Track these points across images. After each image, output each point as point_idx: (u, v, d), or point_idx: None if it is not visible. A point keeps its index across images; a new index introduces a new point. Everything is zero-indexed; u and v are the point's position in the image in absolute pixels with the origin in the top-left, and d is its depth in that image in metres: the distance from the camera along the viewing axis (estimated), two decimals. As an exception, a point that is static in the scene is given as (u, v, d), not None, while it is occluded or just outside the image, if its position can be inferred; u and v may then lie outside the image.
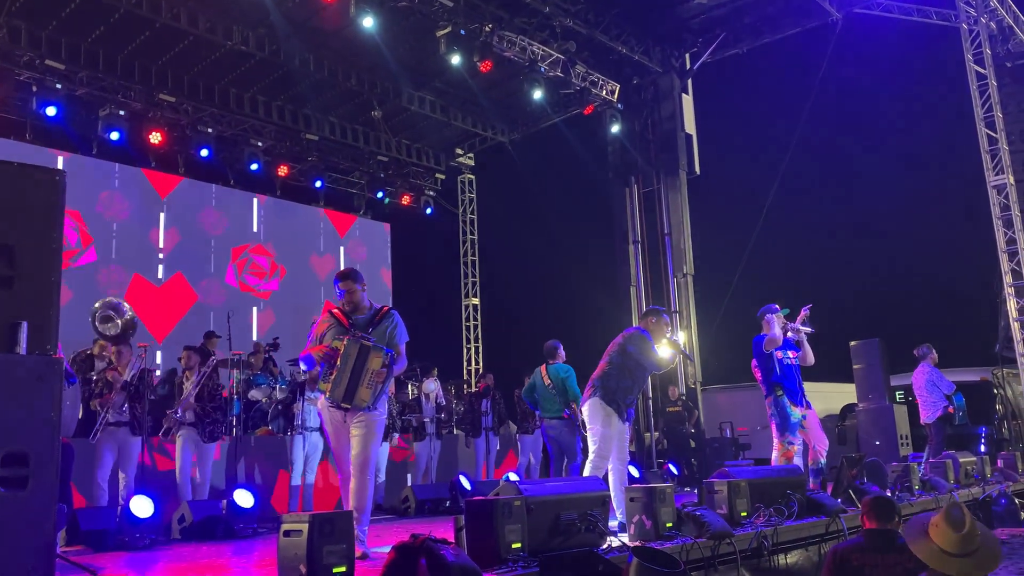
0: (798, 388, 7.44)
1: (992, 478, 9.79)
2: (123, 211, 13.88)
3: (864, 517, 4.36)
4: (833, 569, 4.19)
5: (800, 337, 7.58)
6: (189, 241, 14.57)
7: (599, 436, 6.02)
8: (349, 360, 5.00)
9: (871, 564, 4.04)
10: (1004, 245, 11.95)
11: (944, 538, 2.99)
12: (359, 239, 17.32)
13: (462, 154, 18.76)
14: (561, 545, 4.28)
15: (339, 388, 5.01)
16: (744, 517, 5.63)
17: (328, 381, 5.05)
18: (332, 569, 3.44)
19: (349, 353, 5.00)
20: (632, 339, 6.25)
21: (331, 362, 5.02)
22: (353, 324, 5.17)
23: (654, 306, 6.85)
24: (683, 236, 15.10)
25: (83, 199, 13.15)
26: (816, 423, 7.55)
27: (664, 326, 6.43)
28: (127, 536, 6.40)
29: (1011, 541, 5.79)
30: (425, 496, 9.34)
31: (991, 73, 12.17)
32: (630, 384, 6.17)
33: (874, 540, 4.16)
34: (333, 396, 5.02)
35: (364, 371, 5.03)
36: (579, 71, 14.37)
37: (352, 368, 5.00)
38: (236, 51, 12.94)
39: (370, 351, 5.05)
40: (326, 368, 5.05)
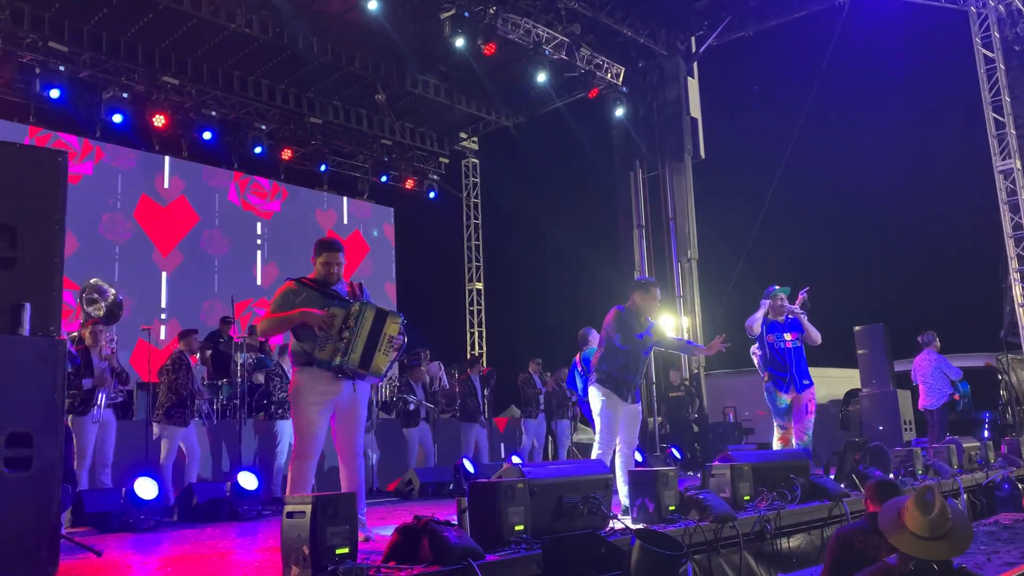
0: (788, 373, 7.35)
1: (996, 463, 9.79)
2: (128, 161, 14.03)
3: (868, 501, 4.36)
4: (836, 552, 4.19)
5: (801, 318, 7.46)
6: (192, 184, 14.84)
7: (603, 419, 6.03)
8: (365, 323, 4.70)
9: (874, 547, 4.04)
10: (1010, 230, 11.89)
11: (916, 522, 2.97)
12: (363, 223, 17.30)
13: (466, 138, 18.71)
14: (564, 527, 4.29)
15: (354, 353, 4.66)
16: (747, 501, 5.64)
17: (327, 348, 4.66)
18: (335, 551, 3.44)
19: (365, 316, 4.71)
20: (610, 319, 6.21)
21: (329, 328, 4.67)
22: (330, 295, 4.87)
23: (641, 278, 6.70)
24: (688, 221, 15.06)
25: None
26: (802, 409, 7.42)
27: (652, 299, 6.31)
28: (131, 518, 6.42)
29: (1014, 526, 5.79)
30: (428, 479, 9.37)
31: (999, 57, 12.07)
32: (623, 362, 6.10)
33: (877, 523, 4.16)
34: (347, 361, 4.64)
35: (381, 336, 4.77)
36: (584, 54, 14.29)
37: (369, 332, 4.72)
38: (240, 33, 12.89)
39: (387, 316, 4.82)
40: (323, 335, 4.67)
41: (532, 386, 11.50)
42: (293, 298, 4.83)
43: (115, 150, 13.81)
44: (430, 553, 3.57)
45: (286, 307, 4.79)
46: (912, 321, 14.35)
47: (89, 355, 7.58)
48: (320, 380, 4.73)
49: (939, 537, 2.96)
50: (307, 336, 4.73)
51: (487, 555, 3.70)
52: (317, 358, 4.68)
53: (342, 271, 5.00)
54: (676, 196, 15.16)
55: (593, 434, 6.32)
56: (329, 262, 4.94)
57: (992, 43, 12.11)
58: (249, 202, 15.42)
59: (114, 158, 13.79)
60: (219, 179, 15.20)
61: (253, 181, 15.57)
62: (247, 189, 15.42)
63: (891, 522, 3.10)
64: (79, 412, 7.43)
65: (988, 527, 5.84)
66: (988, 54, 12.13)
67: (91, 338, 7.68)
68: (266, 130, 15.02)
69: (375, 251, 17.29)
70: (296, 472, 4.72)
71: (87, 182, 13.21)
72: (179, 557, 4.88)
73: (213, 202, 15.04)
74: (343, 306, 4.76)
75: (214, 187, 15.11)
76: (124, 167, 13.98)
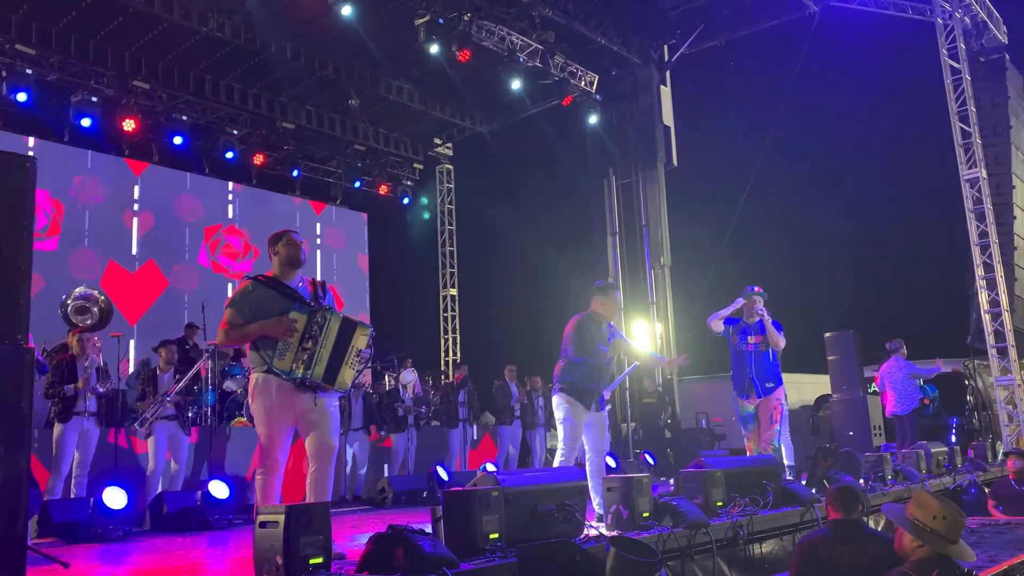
0: (746, 377, 7.27)
1: (963, 468, 9.94)
2: (96, 196, 13.68)
3: (829, 507, 4.40)
4: (801, 560, 4.23)
5: (767, 323, 7.34)
6: (163, 226, 14.42)
7: (565, 427, 5.92)
8: (330, 334, 4.44)
9: (838, 554, 4.09)
10: (976, 238, 12.09)
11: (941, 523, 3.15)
12: (336, 228, 17.20)
13: (440, 144, 18.70)
14: (539, 535, 4.28)
15: (319, 366, 4.40)
16: (720, 507, 5.66)
17: (286, 357, 4.37)
18: (309, 560, 3.41)
19: (331, 326, 4.45)
20: (568, 330, 6.07)
21: (291, 336, 4.39)
22: (290, 295, 4.54)
23: (600, 282, 6.35)
24: (660, 228, 15.16)
25: (55, 183, 12.96)
26: (765, 416, 7.35)
27: (612, 303, 6.17)
28: (100, 528, 6.33)
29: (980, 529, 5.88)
30: (402, 487, 9.33)
31: (965, 68, 12.29)
32: (585, 372, 5.96)
33: (839, 530, 4.21)
34: (311, 375, 4.39)
35: (349, 349, 4.51)
36: (558, 61, 14.35)
37: (335, 344, 4.47)
38: (212, 38, 12.78)
39: (356, 327, 4.56)
40: (282, 343, 4.38)
41: (507, 393, 11.50)
42: (249, 299, 4.52)
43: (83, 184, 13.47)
44: (404, 562, 3.55)
45: (243, 309, 4.48)
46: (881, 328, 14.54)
47: (75, 363, 7.49)
48: (282, 389, 4.42)
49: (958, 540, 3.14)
50: (265, 343, 4.44)
51: (462, 563, 3.68)
52: (275, 367, 4.38)
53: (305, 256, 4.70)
54: (649, 203, 15.26)
55: None
56: (291, 243, 4.65)
57: (958, 54, 12.33)
58: (219, 263, 15.07)
59: (81, 194, 13.40)
60: (190, 214, 14.85)
61: (224, 242, 15.17)
62: (218, 250, 15.06)
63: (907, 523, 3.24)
64: (61, 419, 7.35)
65: (956, 531, 5.91)
66: (954, 65, 12.35)
67: (78, 347, 7.61)
68: (238, 135, 14.90)
69: (348, 257, 17.21)
70: (262, 484, 4.47)
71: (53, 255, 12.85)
72: (149, 568, 4.82)
73: (183, 265, 14.63)
74: (303, 310, 4.47)
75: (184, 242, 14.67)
76: (92, 203, 13.55)
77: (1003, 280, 11.99)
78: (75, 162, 13.49)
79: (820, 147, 20.42)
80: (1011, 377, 11.73)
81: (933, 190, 16.44)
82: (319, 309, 4.51)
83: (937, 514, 3.26)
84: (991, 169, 12.42)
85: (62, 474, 7.37)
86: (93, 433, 7.60)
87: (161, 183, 14.56)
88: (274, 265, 4.71)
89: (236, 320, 4.49)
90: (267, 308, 4.49)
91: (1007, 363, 11.80)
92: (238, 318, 4.49)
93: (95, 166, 13.74)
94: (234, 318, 4.50)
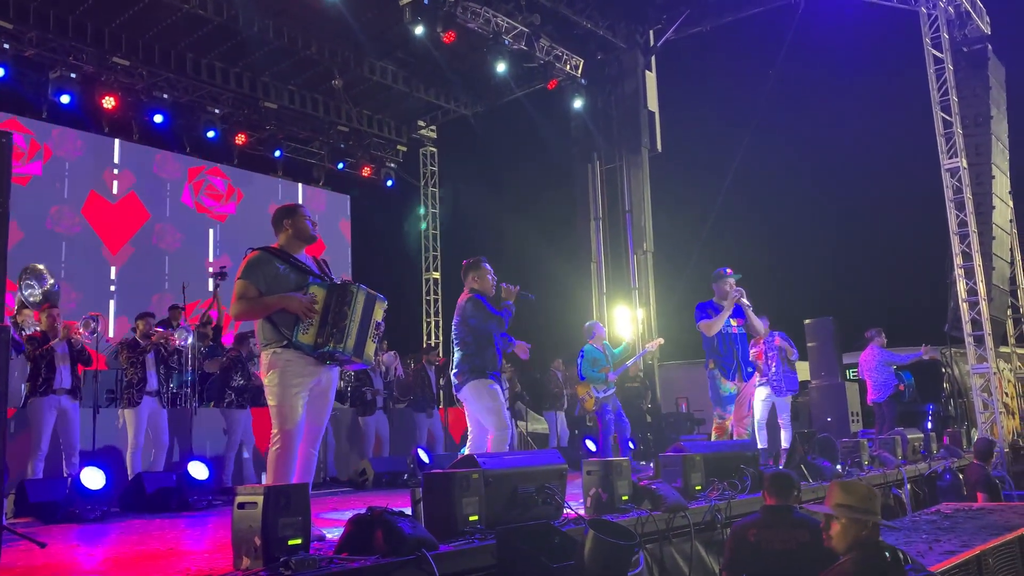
0: (734, 360, 7.24)
1: (938, 454, 10.08)
2: (76, 150, 13.59)
3: (765, 493, 4.44)
4: (733, 545, 4.29)
5: (746, 309, 7.30)
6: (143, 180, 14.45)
7: (491, 412, 5.69)
8: (358, 308, 4.41)
9: (767, 539, 4.15)
10: (955, 227, 12.18)
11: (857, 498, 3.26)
12: (318, 212, 17.10)
13: (424, 126, 18.59)
14: (518, 518, 4.30)
15: (350, 339, 4.35)
16: (698, 491, 5.71)
17: (310, 331, 4.31)
18: (287, 542, 3.40)
19: (358, 300, 4.42)
20: (466, 309, 5.84)
21: (312, 313, 4.33)
22: (304, 270, 4.51)
23: (467, 260, 6.08)
24: (644, 213, 15.17)
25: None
26: (745, 401, 7.39)
27: (486, 273, 5.97)
28: (78, 508, 6.29)
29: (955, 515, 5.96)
30: (383, 469, 9.33)
31: (948, 58, 12.34)
32: (493, 350, 5.84)
33: (770, 516, 4.27)
34: (342, 348, 4.33)
35: (371, 322, 4.52)
36: (543, 45, 14.28)
37: (361, 317, 4.44)
38: (193, 15, 12.61)
39: (376, 301, 4.56)
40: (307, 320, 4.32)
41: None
42: (262, 269, 4.39)
43: (63, 135, 13.43)
44: (384, 544, 3.55)
45: (257, 281, 4.36)
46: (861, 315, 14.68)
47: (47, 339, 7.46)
48: (300, 363, 4.34)
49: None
50: (283, 317, 4.34)
51: (441, 546, 3.69)
52: (299, 342, 4.30)
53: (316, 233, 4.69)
54: (633, 189, 15.26)
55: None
56: (305, 217, 4.60)
57: (941, 44, 12.38)
58: (203, 203, 15.05)
59: (60, 145, 13.38)
60: (170, 169, 14.84)
61: (208, 182, 15.19)
62: (201, 191, 15.05)
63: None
64: (40, 393, 7.31)
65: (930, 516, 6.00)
66: (937, 54, 12.40)
67: (47, 322, 7.57)
68: (219, 114, 14.75)
69: (330, 239, 17.11)
70: (282, 463, 4.29)
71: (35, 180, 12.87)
72: (126, 548, 4.79)
73: (164, 202, 14.66)
74: (322, 284, 4.44)
75: (165, 178, 14.74)
76: (71, 156, 13.57)
77: (981, 269, 12.11)
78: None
79: (803, 135, 20.51)
80: (987, 365, 11.87)
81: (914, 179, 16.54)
82: (344, 282, 4.50)
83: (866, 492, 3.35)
84: (971, 159, 12.51)
85: (41, 453, 7.32)
86: (72, 411, 7.55)
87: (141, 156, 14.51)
88: (281, 239, 4.61)
89: (251, 292, 4.36)
90: (282, 281, 4.41)
91: (983, 351, 11.93)
92: (252, 289, 4.36)
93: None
94: (247, 289, 4.36)
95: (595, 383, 9.45)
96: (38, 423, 7.34)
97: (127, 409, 7.96)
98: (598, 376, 9.43)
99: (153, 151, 14.62)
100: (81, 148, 13.74)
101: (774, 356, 9.32)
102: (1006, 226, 13.57)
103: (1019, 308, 14.73)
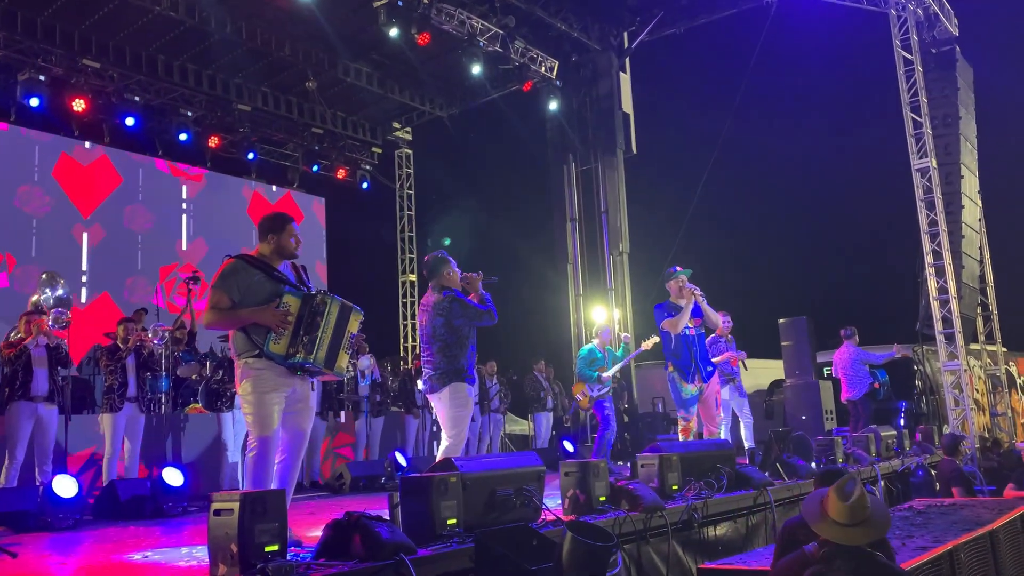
0: (692, 362, 7.22)
1: (911, 451, 10.21)
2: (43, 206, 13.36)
3: None
4: (782, 544, 4.29)
5: (701, 302, 7.30)
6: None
7: (459, 420, 5.55)
8: (331, 319, 4.38)
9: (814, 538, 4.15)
10: (926, 226, 12.35)
11: (836, 509, 3.10)
12: (292, 213, 16.99)
13: (399, 128, 18.54)
14: (497, 520, 4.30)
15: (320, 350, 4.33)
16: (675, 490, 5.74)
17: (281, 342, 4.28)
18: (264, 548, 3.38)
19: (331, 311, 4.39)
20: (451, 310, 5.64)
21: (285, 324, 4.30)
22: (279, 278, 4.46)
23: (432, 254, 5.91)
24: (619, 215, 15.23)
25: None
26: (712, 399, 7.38)
27: (453, 269, 5.81)
28: (50, 517, 6.19)
29: (927, 511, 6.03)
30: (360, 473, 9.29)
31: (917, 59, 12.50)
32: (473, 348, 5.76)
33: None
34: (312, 359, 4.30)
35: (345, 333, 4.49)
36: (518, 47, 14.29)
37: (334, 329, 4.40)
38: (164, 17, 12.49)
39: (351, 312, 4.53)
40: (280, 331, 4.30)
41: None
42: (236, 279, 4.35)
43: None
44: (361, 549, 3.54)
45: (231, 290, 4.33)
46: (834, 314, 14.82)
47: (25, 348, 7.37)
48: (272, 372, 4.33)
49: (858, 523, 3.09)
50: (255, 327, 4.32)
51: (419, 550, 3.69)
52: (270, 351, 4.28)
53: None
54: (608, 190, 15.32)
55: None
56: (292, 233, 4.56)
57: (911, 45, 12.54)
58: (178, 168, 15.00)
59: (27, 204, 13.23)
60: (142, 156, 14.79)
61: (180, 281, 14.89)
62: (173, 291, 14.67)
63: (814, 511, 3.21)
64: (16, 398, 7.20)
65: (903, 512, 6.06)
66: (907, 56, 12.56)
67: (23, 327, 7.47)
68: (192, 116, 14.62)
69: (305, 242, 16.87)
70: (259, 470, 4.29)
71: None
72: (100, 557, 4.74)
73: (137, 172, 14.58)
74: (296, 293, 4.40)
75: (138, 162, 14.66)
76: (42, 139, 13.47)
77: (951, 268, 12.28)
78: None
79: (776, 137, 20.70)
80: (958, 363, 12.04)
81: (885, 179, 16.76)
82: (318, 292, 4.45)
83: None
84: (941, 159, 12.69)
85: (16, 463, 7.20)
86: (49, 418, 7.43)
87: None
88: (262, 248, 4.57)
89: (224, 303, 4.34)
90: (256, 290, 4.38)
91: (954, 349, 12.10)
92: (226, 300, 4.33)
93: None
94: (221, 300, 4.34)
95: (589, 382, 9.49)
96: (14, 431, 7.21)
97: (106, 414, 7.87)
98: (591, 375, 9.48)
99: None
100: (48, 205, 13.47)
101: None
102: (975, 225, 13.77)
103: (988, 306, 14.97)
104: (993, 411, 14.44)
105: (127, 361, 8.00)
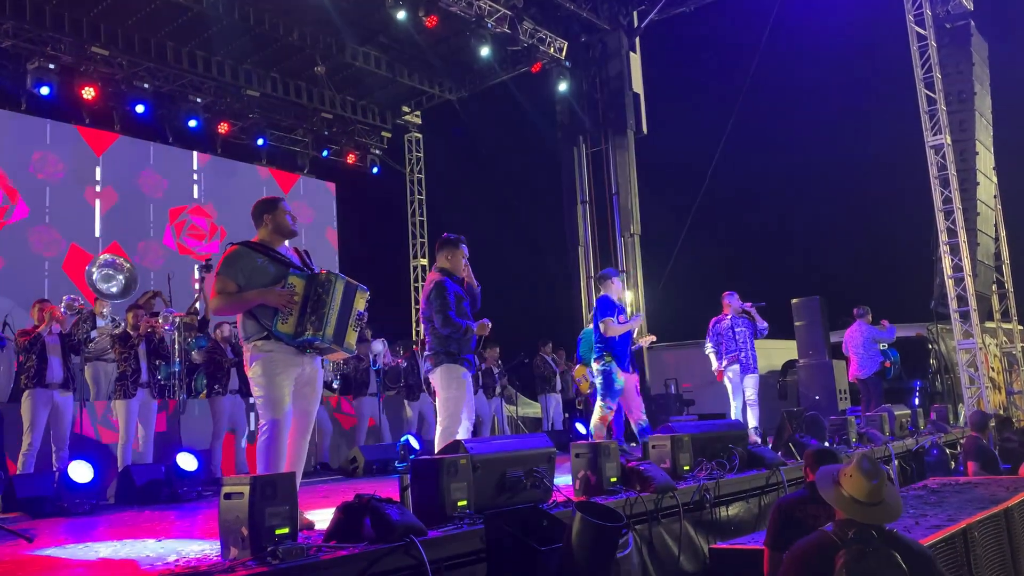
0: (626, 355, 7.62)
1: (925, 430, 10.17)
2: (57, 172, 13.36)
3: (807, 469, 4.45)
4: (777, 522, 4.29)
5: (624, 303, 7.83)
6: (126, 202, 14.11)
7: (454, 401, 5.54)
8: (337, 296, 4.42)
9: (814, 515, 4.14)
10: (940, 204, 12.23)
11: (857, 487, 3.07)
12: (303, 199, 16.95)
13: (409, 112, 18.48)
14: (507, 502, 4.30)
15: (328, 327, 4.36)
16: (687, 471, 5.73)
17: (289, 321, 4.33)
18: (275, 531, 3.39)
19: (336, 288, 4.42)
20: (438, 298, 5.59)
21: (292, 304, 4.34)
22: (283, 261, 4.51)
23: (445, 236, 5.84)
24: (630, 196, 15.16)
25: (12, 157, 12.68)
26: (633, 388, 7.69)
27: (461, 256, 5.78)
28: (66, 502, 6.26)
29: (942, 490, 6.00)
30: (373, 456, 9.32)
31: (931, 34, 12.34)
32: (470, 334, 5.71)
33: (815, 492, 4.25)
34: (321, 336, 4.33)
35: (352, 311, 4.53)
36: (526, 28, 14.19)
37: (340, 306, 4.45)
38: (172, 3, 12.50)
39: (356, 290, 4.57)
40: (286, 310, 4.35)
41: (475, 363, 11.52)
42: (240, 264, 4.40)
43: None
44: (372, 531, 3.55)
45: (235, 276, 4.37)
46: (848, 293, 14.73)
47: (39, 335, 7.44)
48: (282, 353, 4.38)
49: (878, 503, 3.07)
50: (262, 311, 4.36)
51: (430, 531, 3.69)
52: (279, 332, 4.33)
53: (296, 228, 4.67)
54: (619, 171, 15.24)
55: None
56: (285, 212, 4.59)
57: (924, 20, 12.38)
58: (186, 245, 14.77)
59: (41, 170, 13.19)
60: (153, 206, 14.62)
61: (190, 223, 14.86)
62: (183, 232, 14.75)
63: (831, 488, 3.19)
64: (32, 386, 7.27)
65: (917, 491, 6.04)
66: (920, 31, 12.40)
67: (36, 314, 7.55)
68: (201, 103, 14.61)
69: (315, 227, 17.03)
70: (271, 452, 4.31)
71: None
72: (116, 541, 4.78)
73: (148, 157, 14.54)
74: (301, 274, 4.45)
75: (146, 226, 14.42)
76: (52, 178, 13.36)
77: (966, 245, 12.17)
78: (34, 136, 13.19)
79: (788, 115, 20.51)
80: (973, 341, 11.95)
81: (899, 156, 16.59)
82: (321, 272, 4.51)
83: None
84: (955, 136, 12.55)
85: (33, 450, 7.28)
86: (65, 405, 7.50)
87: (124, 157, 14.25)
88: (261, 234, 4.62)
89: (229, 287, 4.38)
90: (261, 274, 4.42)
91: (969, 327, 12.01)
92: (232, 285, 4.38)
93: (54, 139, 13.43)
94: (227, 285, 4.38)
95: (590, 366, 9.50)
96: (30, 418, 7.29)
97: (119, 400, 7.93)
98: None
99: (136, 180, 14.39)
100: (62, 170, 13.41)
101: (749, 333, 9.21)
102: (990, 202, 13.64)
103: (1004, 283, 14.84)
104: (1009, 389, 14.32)
105: (139, 347, 8.04)
